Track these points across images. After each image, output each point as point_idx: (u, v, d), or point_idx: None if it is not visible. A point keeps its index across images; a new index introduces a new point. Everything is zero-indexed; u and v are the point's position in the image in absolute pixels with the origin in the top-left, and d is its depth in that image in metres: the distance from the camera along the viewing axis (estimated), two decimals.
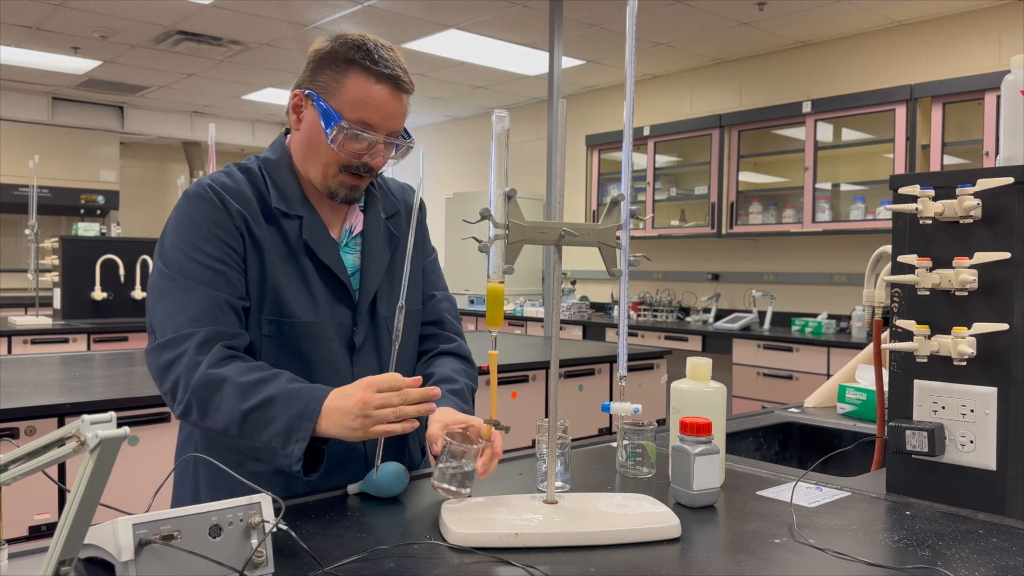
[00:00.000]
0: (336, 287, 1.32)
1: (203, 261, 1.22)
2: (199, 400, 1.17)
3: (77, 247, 4.76)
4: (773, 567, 0.99)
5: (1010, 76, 1.33)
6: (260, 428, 1.14)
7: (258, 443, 1.15)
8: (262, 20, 5.11)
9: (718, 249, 5.91)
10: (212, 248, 1.23)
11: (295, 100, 1.30)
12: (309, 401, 1.13)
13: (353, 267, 1.36)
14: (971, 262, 1.21)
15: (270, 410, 1.14)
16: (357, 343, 1.34)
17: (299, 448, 1.12)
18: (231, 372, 1.17)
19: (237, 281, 1.24)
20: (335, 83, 1.25)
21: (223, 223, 1.24)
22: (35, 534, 2.10)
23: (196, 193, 1.26)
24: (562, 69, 4.83)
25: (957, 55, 4.70)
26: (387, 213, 1.43)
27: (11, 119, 7.32)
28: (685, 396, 1.35)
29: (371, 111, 1.25)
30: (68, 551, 0.75)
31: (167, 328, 1.20)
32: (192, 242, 1.23)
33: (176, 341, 1.19)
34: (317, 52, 1.28)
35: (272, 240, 1.28)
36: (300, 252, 1.30)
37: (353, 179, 1.29)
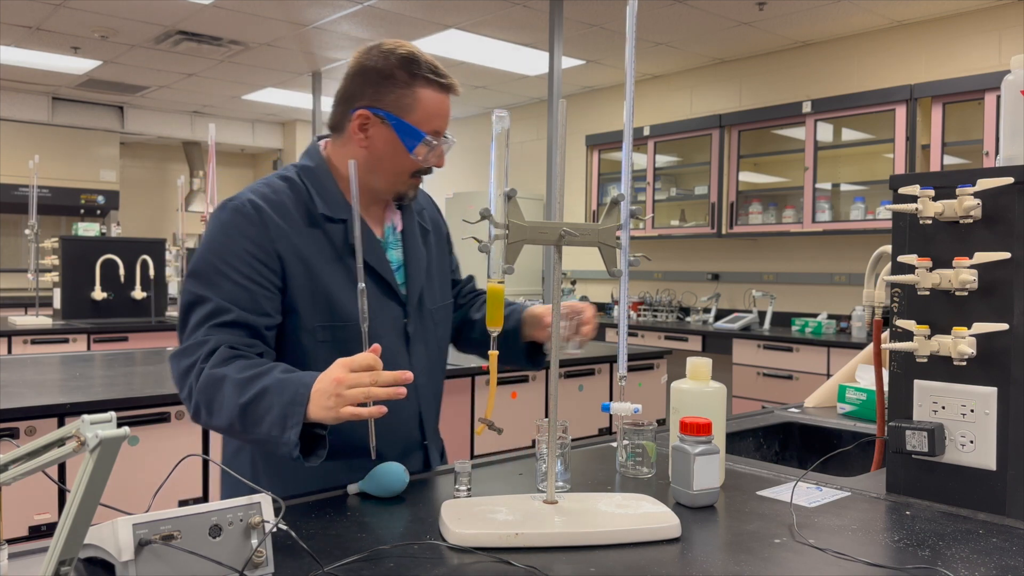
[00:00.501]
0: (384, 286, 1.38)
1: (231, 276, 1.25)
2: (205, 401, 1.20)
3: (77, 247, 4.76)
4: (773, 567, 0.99)
5: (1010, 76, 1.33)
6: (258, 420, 1.16)
7: (259, 435, 1.16)
8: (262, 20, 5.11)
9: (718, 249, 5.91)
10: (242, 265, 1.26)
11: (360, 120, 1.33)
12: (299, 387, 1.14)
13: (398, 262, 1.43)
14: (971, 262, 1.21)
15: (264, 400, 1.15)
16: (411, 335, 1.41)
17: (294, 434, 1.13)
18: (230, 370, 1.19)
19: (263, 299, 1.27)
20: (408, 100, 1.31)
21: (259, 241, 1.27)
22: (35, 534, 2.10)
23: (236, 208, 1.29)
24: (562, 69, 4.83)
25: (957, 55, 4.70)
26: (417, 208, 1.51)
27: (11, 119, 7.32)
28: (685, 396, 1.35)
29: (441, 120, 1.34)
30: (68, 551, 0.75)
31: (188, 335, 1.25)
32: (223, 257, 1.26)
33: (191, 348, 1.24)
34: (373, 69, 1.31)
35: (318, 246, 1.32)
36: (346, 255, 1.33)
37: (418, 180, 1.40)
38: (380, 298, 1.37)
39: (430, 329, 1.45)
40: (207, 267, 1.26)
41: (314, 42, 5.60)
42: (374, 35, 5.39)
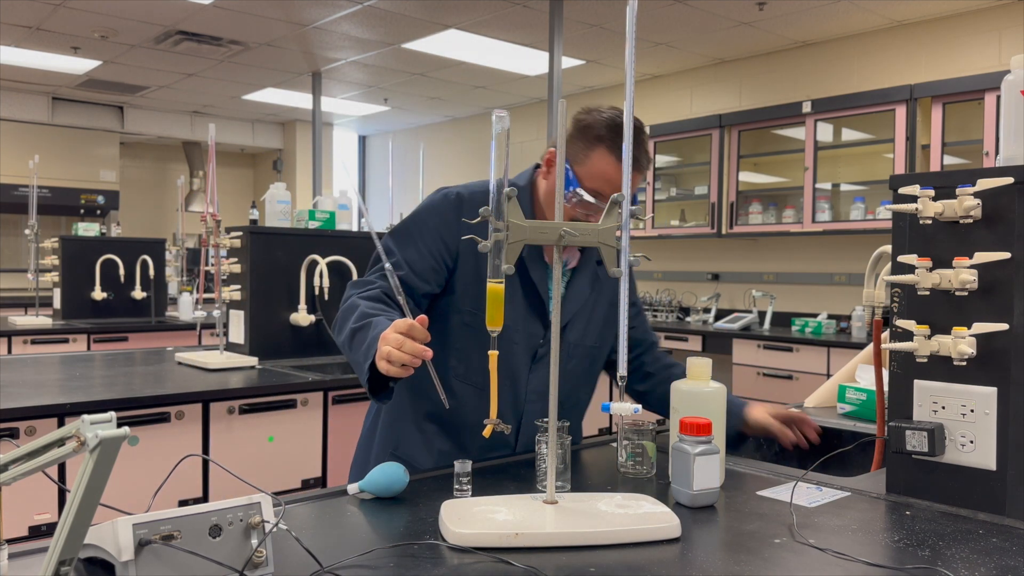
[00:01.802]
0: (536, 304, 1.53)
1: (415, 243, 1.49)
2: (341, 318, 1.44)
3: (77, 247, 4.76)
4: (773, 567, 0.99)
5: (1010, 76, 1.33)
6: (357, 346, 1.36)
7: (357, 357, 1.35)
8: (262, 20, 5.11)
9: (718, 249, 5.91)
10: (427, 237, 1.49)
11: (549, 155, 1.52)
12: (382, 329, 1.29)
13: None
14: (971, 262, 1.21)
15: (363, 332, 1.35)
16: (539, 355, 1.54)
17: (367, 365, 1.31)
18: (365, 304, 1.42)
19: (428, 269, 1.49)
20: (583, 154, 1.46)
21: (449, 222, 1.49)
22: (35, 534, 2.10)
23: (445, 194, 1.53)
24: (562, 69, 4.83)
25: (957, 55, 4.70)
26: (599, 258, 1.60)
27: (11, 119, 7.32)
28: (685, 396, 1.35)
29: (604, 184, 1.45)
30: (68, 551, 0.75)
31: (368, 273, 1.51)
32: (418, 223, 1.52)
33: (361, 283, 1.49)
34: (577, 122, 1.49)
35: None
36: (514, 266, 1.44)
37: None
38: (527, 313, 1.52)
39: (562, 359, 1.53)
40: (404, 229, 1.52)
41: (314, 42, 5.60)
42: (374, 35, 5.40)
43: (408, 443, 1.56)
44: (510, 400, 1.52)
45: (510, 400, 1.52)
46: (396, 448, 1.56)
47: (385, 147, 9.08)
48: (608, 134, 1.44)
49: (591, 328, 1.61)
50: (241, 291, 3.06)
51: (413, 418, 1.56)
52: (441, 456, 1.53)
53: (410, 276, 1.47)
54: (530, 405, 1.54)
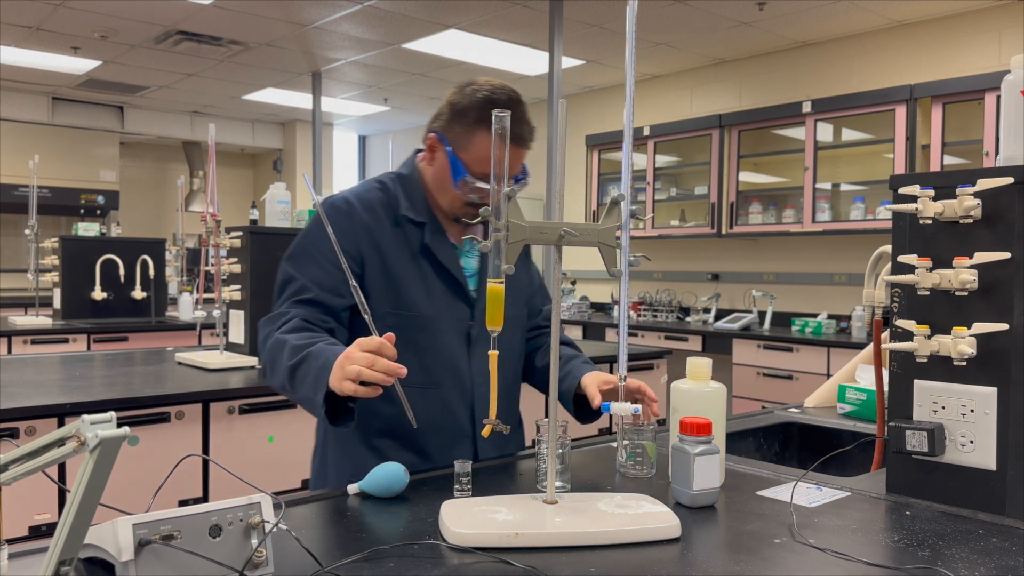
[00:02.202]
0: (454, 286, 1.49)
1: (317, 260, 1.44)
2: (269, 361, 1.39)
3: (77, 247, 4.76)
4: (773, 567, 0.99)
5: (1010, 76, 1.33)
6: (300, 382, 1.30)
7: (302, 396, 1.31)
8: (262, 20, 5.11)
9: (718, 249, 5.91)
10: (328, 251, 1.42)
11: (430, 142, 1.48)
12: (330, 356, 1.26)
13: (472, 270, 1.54)
14: (971, 262, 1.21)
15: (305, 365, 1.30)
16: (473, 336, 1.50)
17: (320, 396, 1.25)
18: (291, 337, 1.35)
19: (341, 282, 1.39)
20: (465, 139, 1.43)
21: (346, 230, 1.43)
22: (35, 534, 2.10)
23: (332, 203, 1.48)
24: (562, 69, 4.83)
25: (957, 55, 4.70)
26: None
27: (11, 119, 7.32)
28: (685, 396, 1.35)
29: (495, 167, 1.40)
30: (68, 551, 0.75)
31: (275, 307, 1.45)
32: (314, 241, 1.46)
33: (275, 318, 1.43)
34: (455, 101, 1.45)
35: (397, 243, 1.47)
36: (421, 255, 1.48)
37: (475, 209, 1.46)
38: (449, 298, 1.48)
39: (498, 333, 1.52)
40: (300, 251, 1.47)
41: (314, 42, 5.60)
42: (374, 35, 5.40)
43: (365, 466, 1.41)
44: (457, 388, 1.48)
45: (457, 388, 1.48)
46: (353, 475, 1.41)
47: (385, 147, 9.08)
48: (487, 114, 1.33)
49: (515, 298, 1.58)
50: (241, 291, 3.06)
51: (363, 439, 1.48)
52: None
53: (322, 295, 1.42)
54: (479, 389, 1.50)
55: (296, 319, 1.39)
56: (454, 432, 1.49)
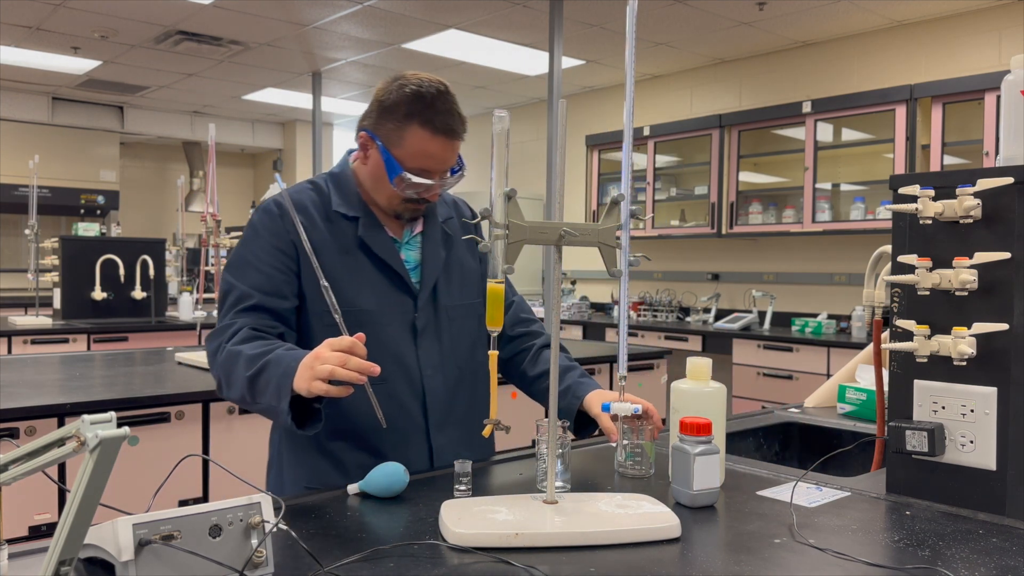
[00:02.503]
0: (395, 279, 1.47)
1: (257, 266, 1.42)
2: (224, 374, 1.35)
3: (77, 247, 4.76)
4: (773, 567, 0.99)
5: (1010, 76, 1.33)
6: (262, 391, 1.28)
7: (264, 405, 1.29)
8: (262, 20, 5.11)
9: (718, 249, 5.91)
10: (266, 255, 1.42)
11: (361, 140, 1.46)
12: (292, 361, 1.25)
13: (414, 262, 1.52)
14: (971, 262, 1.21)
15: (265, 373, 1.27)
16: (419, 328, 1.48)
17: (285, 403, 1.24)
18: (245, 347, 1.33)
19: (282, 283, 1.42)
20: (396, 135, 1.40)
21: (279, 232, 1.43)
22: (35, 534, 2.10)
23: (262, 208, 1.47)
24: (562, 69, 4.82)
25: (957, 55, 4.70)
26: (442, 217, 1.59)
27: (11, 119, 7.32)
28: (685, 396, 1.35)
29: (428, 160, 1.41)
30: (68, 551, 0.75)
31: (220, 320, 1.41)
32: (251, 248, 1.43)
33: (221, 331, 1.39)
34: (382, 97, 1.42)
35: (331, 239, 1.45)
36: (358, 249, 1.46)
37: (415, 206, 1.47)
38: (391, 291, 1.47)
39: (444, 325, 1.51)
40: (238, 260, 1.44)
41: (314, 42, 5.60)
42: (374, 35, 5.39)
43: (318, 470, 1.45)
44: (405, 381, 1.45)
45: (405, 381, 1.45)
46: (309, 482, 1.45)
47: None
48: (417, 108, 1.37)
49: (464, 286, 1.56)
50: None
51: (316, 444, 1.45)
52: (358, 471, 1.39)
53: (265, 300, 1.39)
54: (428, 381, 1.47)
55: (245, 329, 1.36)
56: (407, 427, 1.45)
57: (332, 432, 1.43)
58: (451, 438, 1.50)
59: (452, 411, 1.50)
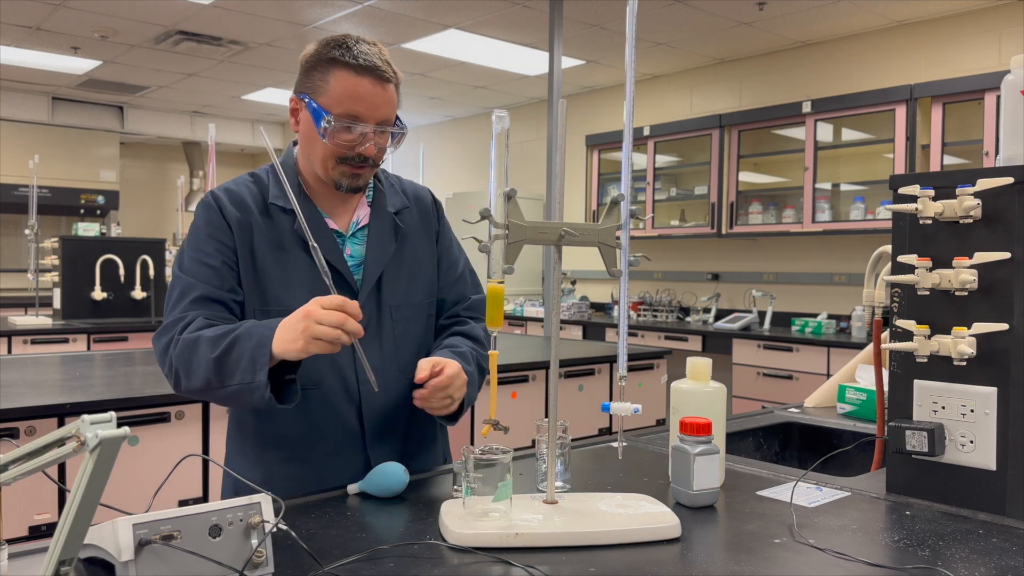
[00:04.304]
0: (334, 276, 1.36)
1: (199, 259, 1.35)
2: (182, 364, 1.27)
3: (77, 247, 4.76)
4: (773, 567, 0.99)
5: (1010, 76, 1.33)
6: (232, 371, 1.22)
7: (234, 387, 1.22)
8: (262, 20, 5.11)
9: (718, 249, 5.91)
10: (208, 247, 1.35)
11: (292, 105, 1.39)
12: (264, 330, 1.22)
13: (359, 257, 1.42)
14: (971, 262, 1.21)
15: (235, 350, 1.22)
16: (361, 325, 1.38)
17: (263, 375, 1.19)
18: (205, 332, 1.27)
19: (229, 276, 1.35)
20: (322, 82, 1.33)
21: (218, 224, 1.36)
22: (35, 534, 2.10)
23: (202, 201, 1.40)
24: (562, 69, 4.82)
25: (957, 55, 4.70)
26: (395, 208, 1.48)
27: (11, 119, 7.32)
28: (685, 396, 1.35)
29: (355, 103, 1.32)
30: (68, 551, 0.75)
31: (166, 317, 1.34)
32: (194, 243, 1.37)
33: (170, 326, 1.31)
34: (305, 57, 1.37)
35: (268, 234, 1.37)
36: (295, 244, 1.38)
37: (353, 169, 1.37)
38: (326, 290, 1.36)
39: (387, 325, 1.41)
40: (183, 256, 1.38)
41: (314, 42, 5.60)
42: (374, 35, 5.39)
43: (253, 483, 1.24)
44: (340, 386, 1.36)
45: (340, 386, 1.36)
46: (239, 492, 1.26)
47: None
48: (338, 51, 1.32)
49: (414, 284, 1.46)
50: None
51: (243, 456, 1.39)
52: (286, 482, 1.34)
53: (215, 291, 1.33)
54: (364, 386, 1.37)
55: (199, 318, 1.29)
56: (341, 436, 1.37)
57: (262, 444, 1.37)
58: (391, 449, 1.41)
59: (392, 420, 1.41)
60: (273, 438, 1.37)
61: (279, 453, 1.37)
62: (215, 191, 1.40)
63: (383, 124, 1.35)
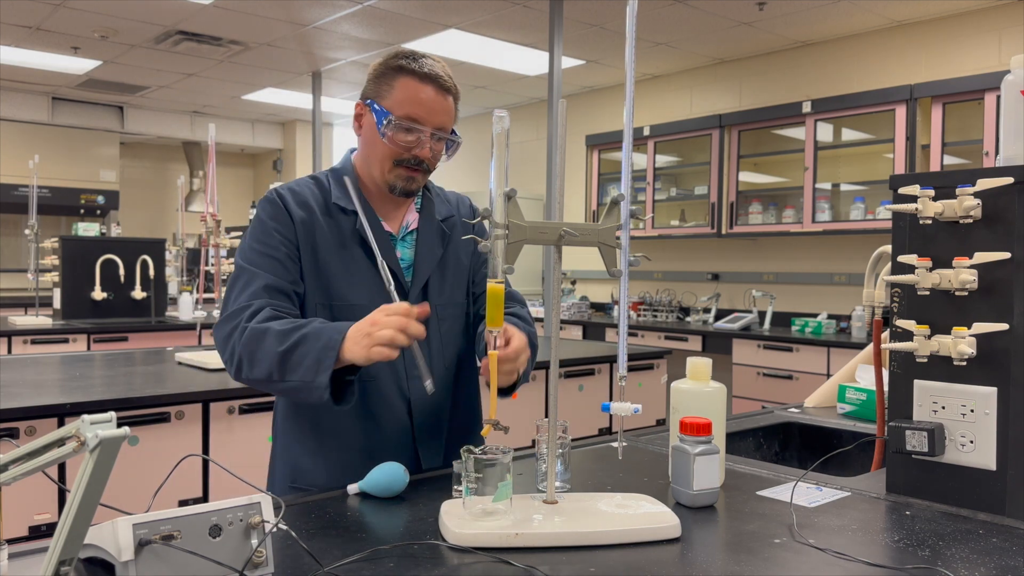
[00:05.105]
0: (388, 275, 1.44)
1: (264, 252, 1.41)
2: (247, 352, 1.31)
3: (77, 247, 4.76)
4: (773, 567, 0.99)
5: (1010, 76, 1.33)
6: (295, 366, 1.26)
7: (295, 381, 1.27)
8: (262, 20, 5.11)
9: (718, 249, 5.91)
10: (272, 240, 1.41)
11: (357, 110, 1.47)
12: (333, 333, 1.25)
13: (408, 260, 1.50)
14: (971, 262, 1.21)
15: (302, 347, 1.26)
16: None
17: (325, 377, 1.24)
18: (273, 324, 1.31)
19: (292, 269, 1.41)
20: (387, 88, 1.43)
21: (283, 219, 1.43)
22: (35, 534, 2.10)
23: (266, 198, 1.47)
24: (562, 69, 4.83)
25: (957, 55, 4.70)
26: (441, 216, 1.57)
27: (11, 119, 7.32)
28: (685, 396, 1.35)
29: (416, 107, 1.40)
30: (68, 551, 0.75)
31: (230, 305, 1.38)
32: (258, 237, 1.43)
33: (235, 314, 1.35)
34: (374, 67, 1.46)
35: (330, 233, 1.44)
36: (355, 243, 1.45)
37: (408, 171, 1.44)
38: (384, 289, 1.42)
39: (433, 325, 1.48)
40: (246, 248, 1.43)
41: (314, 42, 5.60)
42: (374, 35, 5.39)
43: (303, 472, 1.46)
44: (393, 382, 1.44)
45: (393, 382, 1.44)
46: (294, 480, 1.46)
47: None
48: (405, 61, 1.42)
49: (456, 285, 1.54)
50: None
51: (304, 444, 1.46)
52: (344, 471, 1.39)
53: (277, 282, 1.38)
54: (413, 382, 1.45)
55: (266, 309, 1.34)
56: (394, 428, 1.44)
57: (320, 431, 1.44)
58: (438, 441, 1.49)
59: (439, 415, 1.49)
60: (333, 427, 1.43)
61: (338, 441, 1.43)
62: (279, 189, 1.47)
63: (440, 131, 1.43)
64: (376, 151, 1.44)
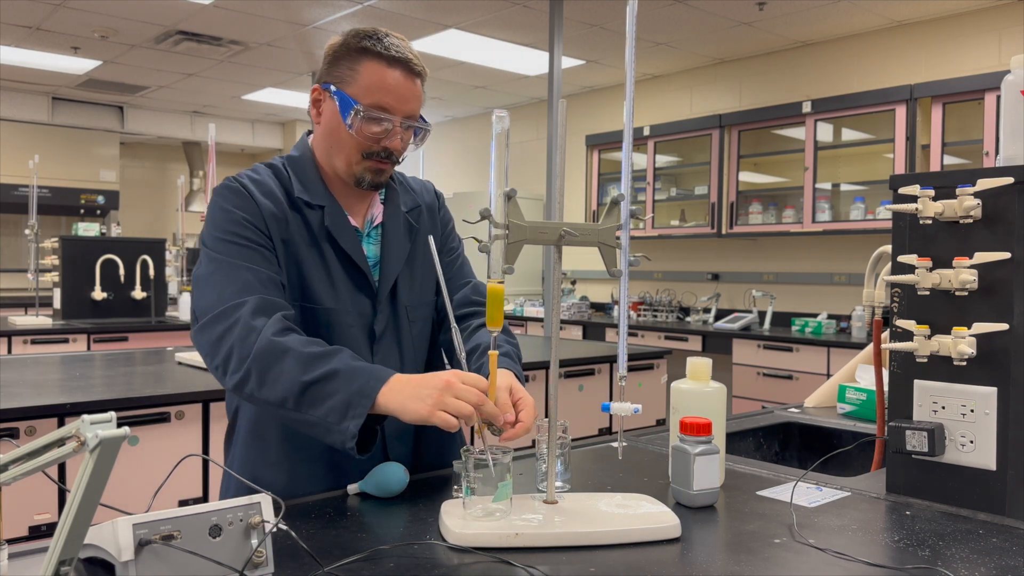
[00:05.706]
0: (356, 276, 1.35)
1: (240, 242, 1.26)
2: (259, 368, 1.16)
3: (77, 247, 4.76)
4: (773, 567, 0.99)
5: (1010, 76, 1.33)
6: (318, 402, 1.14)
7: (313, 418, 1.15)
8: (262, 20, 5.11)
9: (718, 249, 5.91)
10: (246, 231, 1.27)
11: (314, 95, 1.35)
12: (370, 379, 1.14)
13: (374, 257, 1.40)
14: (971, 262, 1.21)
15: (331, 384, 1.14)
16: (377, 332, 1.37)
17: (355, 424, 1.12)
18: (293, 343, 1.17)
19: (273, 260, 1.28)
20: (350, 72, 1.29)
21: (252, 210, 1.29)
22: (35, 534, 2.10)
23: (226, 186, 1.31)
24: (562, 69, 4.82)
25: (957, 55, 4.70)
26: (407, 207, 1.46)
27: (11, 119, 7.32)
28: (685, 396, 1.35)
29: (385, 94, 1.29)
30: (68, 551, 0.75)
31: (215, 304, 1.21)
32: (228, 228, 1.27)
33: (227, 312, 1.20)
34: (332, 47, 1.33)
35: (297, 228, 1.32)
36: (323, 240, 1.34)
37: (377, 164, 1.33)
38: (351, 290, 1.35)
39: (404, 327, 1.40)
40: (216, 241, 1.27)
41: (314, 42, 5.60)
42: None
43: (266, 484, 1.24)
44: None
45: None
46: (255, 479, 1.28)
47: None
48: (369, 42, 1.28)
49: (424, 283, 1.44)
50: None
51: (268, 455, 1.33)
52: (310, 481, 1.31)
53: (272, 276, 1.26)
54: None
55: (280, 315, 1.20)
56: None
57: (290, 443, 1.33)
58: (409, 448, 1.40)
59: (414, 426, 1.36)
60: (299, 437, 1.31)
61: (304, 453, 1.32)
62: (240, 178, 1.32)
63: (410, 119, 1.32)
64: (341, 142, 1.31)
